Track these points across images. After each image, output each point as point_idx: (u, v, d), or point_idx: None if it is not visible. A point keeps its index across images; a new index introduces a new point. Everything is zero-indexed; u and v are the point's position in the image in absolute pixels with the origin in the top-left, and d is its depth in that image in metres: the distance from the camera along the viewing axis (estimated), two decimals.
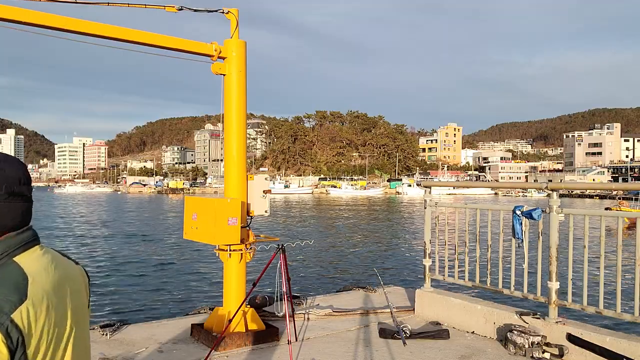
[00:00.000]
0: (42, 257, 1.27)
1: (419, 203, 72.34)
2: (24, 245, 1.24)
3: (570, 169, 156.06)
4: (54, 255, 1.33)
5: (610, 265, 5.33)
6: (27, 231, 1.27)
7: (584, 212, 5.19)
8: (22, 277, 1.17)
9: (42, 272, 1.23)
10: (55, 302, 1.23)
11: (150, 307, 12.41)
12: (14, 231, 1.24)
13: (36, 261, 1.24)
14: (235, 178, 5.41)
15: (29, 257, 1.24)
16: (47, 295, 1.21)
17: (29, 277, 1.18)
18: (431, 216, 6.33)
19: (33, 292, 1.17)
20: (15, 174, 1.24)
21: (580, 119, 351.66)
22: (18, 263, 1.20)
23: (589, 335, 4.59)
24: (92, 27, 4.63)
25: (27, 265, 1.21)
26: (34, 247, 1.27)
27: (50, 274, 1.26)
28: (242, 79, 5.41)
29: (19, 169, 1.26)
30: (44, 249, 1.30)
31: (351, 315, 6.36)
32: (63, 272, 1.32)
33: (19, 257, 1.22)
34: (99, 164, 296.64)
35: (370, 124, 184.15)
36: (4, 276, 1.16)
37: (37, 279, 1.20)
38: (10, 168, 1.24)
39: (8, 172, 1.23)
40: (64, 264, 1.35)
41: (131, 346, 5.15)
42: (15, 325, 1.10)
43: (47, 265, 1.26)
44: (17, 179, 1.24)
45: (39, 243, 1.30)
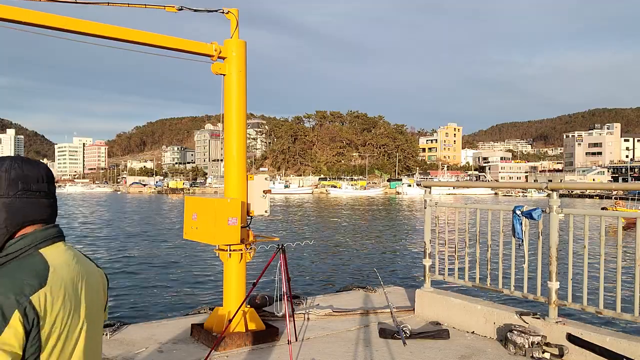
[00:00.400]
0: (65, 252, 1.41)
1: (419, 203, 72.34)
2: (49, 240, 1.38)
3: (570, 169, 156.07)
4: (76, 253, 1.46)
5: (610, 265, 5.33)
6: (53, 228, 1.41)
7: (583, 212, 5.20)
8: (45, 266, 1.31)
9: (63, 265, 1.36)
10: (72, 294, 1.35)
11: (150, 307, 12.41)
12: (41, 226, 1.39)
13: (59, 255, 1.38)
14: (235, 178, 5.41)
15: (53, 251, 1.37)
16: (65, 287, 1.33)
17: (51, 267, 1.32)
18: (431, 216, 6.33)
19: (52, 281, 1.30)
20: (33, 173, 1.39)
21: (580, 119, 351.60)
22: (43, 254, 1.34)
23: (589, 335, 4.59)
24: (92, 27, 4.63)
25: (51, 257, 1.35)
26: (59, 242, 1.41)
27: (71, 268, 1.39)
28: (242, 79, 5.41)
29: (39, 169, 1.41)
30: (68, 246, 1.45)
31: (351, 315, 6.36)
32: (83, 269, 1.44)
33: (44, 250, 1.36)
34: (99, 164, 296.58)
35: (370, 124, 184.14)
36: (28, 264, 1.30)
37: (58, 270, 1.33)
38: (29, 167, 1.39)
39: (26, 171, 1.38)
40: (85, 263, 1.48)
41: (131, 346, 5.15)
42: (32, 307, 1.22)
43: (69, 260, 1.40)
44: (35, 177, 1.39)
45: (63, 240, 1.45)
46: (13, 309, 1.19)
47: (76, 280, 1.39)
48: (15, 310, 1.20)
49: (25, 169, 1.38)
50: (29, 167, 1.39)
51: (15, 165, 1.37)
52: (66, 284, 1.34)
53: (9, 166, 1.36)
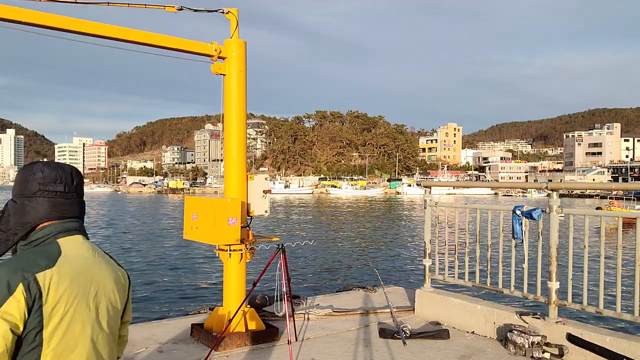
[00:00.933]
0: (82, 245, 1.54)
1: (419, 203, 72.32)
2: (67, 232, 1.52)
3: (570, 169, 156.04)
4: (96, 249, 1.59)
5: (610, 265, 5.33)
6: (73, 222, 1.55)
7: (583, 212, 5.19)
8: (57, 252, 1.45)
9: (76, 255, 1.49)
10: (80, 282, 1.45)
11: (150, 307, 12.41)
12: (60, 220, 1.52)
13: (75, 246, 1.51)
14: (235, 178, 5.41)
15: (70, 241, 1.51)
16: (75, 273, 1.44)
17: (63, 253, 1.45)
18: (431, 216, 6.32)
19: (61, 264, 1.42)
20: (52, 175, 1.53)
21: (580, 119, 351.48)
22: (59, 243, 1.49)
23: (589, 335, 4.59)
24: (92, 27, 4.63)
25: (66, 246, 1.49)
26: (77, 235, 1.55)
27: (84, 258, 1.50)
28: (242, 79, 5.41)
29: (59, 172, 1.55)
30: (87, 241, 1.58)
31: (351, 315, 6.36)
32: (98, 263, 1.55)
33: (62, 239, 1.50)
34: (99, 164, 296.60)
35: (370, 124, 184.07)
36: (44, 249, 1.45)
37: (70, 258, 1.46)
38: (49, 170, 1.54)
39: (47, 174, 1.53)
40: (104, 260, 1.59)
41: (131, 346, 5.14)
42: (36, 283, 1.34)
43: (84, 252, 1.52)
44: (55, 178, 1.53)
45: (82, 234, 1.57)
46: (18, 283, 1.32)
47: (88, 271, 1.49)
48: (19, 284, 1.32)
49: (47, 172, 1.53)
50: (51, 170, 1.54)
51: (40, 168, 1.54)
52: (76, 271, 1.45)
53: (37, 169, 1.54)
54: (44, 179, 1.53)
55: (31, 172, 1.54)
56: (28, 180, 1.52)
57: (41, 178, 1.52)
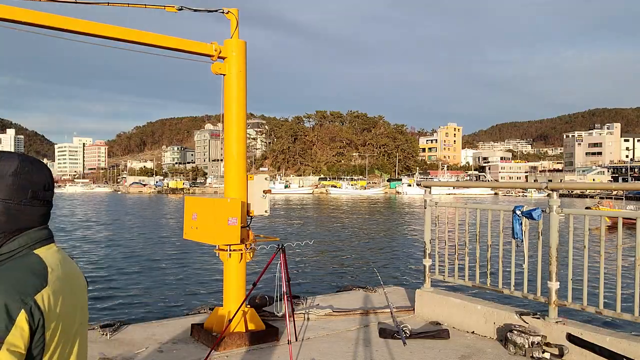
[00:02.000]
0: (57, 253, 1.41)
1: (419, 203, 72.33)
2: (43, 241, 1.38)
3: (570, 169, 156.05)
4: (65, 255, 1.46)
5: (610, 265, 5.33)
6: (44, 230, 1.40)
7: (584, 212, 5.20)
8: (43, 266, 1.31)
9: (58, 266, 1.37)
10: (68, 295, 1.35)
11: (150, 307, 12.41)
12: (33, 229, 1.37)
13: (52, 256, 1.37)
14: (235, 178, 5.41)
15: (47, 252, 1.37)
16: (62, 287, 1.34)
17: (49, 267, 1.32)
18: (431, 216, 6.33)
19: (52, 281, 1.30)
20: (42, 180, 1.39)
21: (580, 119, 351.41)
22: (38, 254, 1.34)
23: (589, 335, 4.59)
24: (92, 27, 4.63)
25: (46, 257, 1.35)
26: (50, 244, 1.41)
27: (64, 269, 1.39)
28: (242, 79, 5.41)
29: (46, 176, 1.41)
30: (58, 248, 1.44)
31: (351, 315, 6.36)
32: (71, 270, 1.44)
33: (39, 250, 1.36)
34: (99, 164, 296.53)
35: (370, 124, 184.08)
36: (26, 264, 1.30)
37: (55, 271, 1.34)
38: (37, 174, 1.38)
39: (35, 178, 1.37)
40: (73, 266, 1.48)
41: (131, 346, 5.15)
42: (37, 306, 1.22)
43: (61, 261, 1.40)
44: (43, 185, 1.39)
45: (54, 242, 1.44)
46: (19, 309, 1.18)
47: (70, 281, 1.39)
48: (21, 310, 1.18)
49: (35, 176, 1.37)
50: (38, 173, 1.38)
51: (26, 169, 1.35)
52: (63, 285, 1.34)
53: (20, 169, 1.34)
54: (35, 184, 1.36)
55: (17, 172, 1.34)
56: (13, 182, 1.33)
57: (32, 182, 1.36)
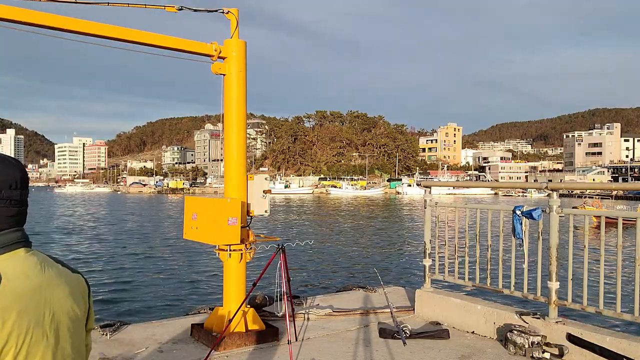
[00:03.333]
0: (26, 260, 1.22)
1: (419, 203, 72.32)
2: (6, 247, 1.20)
3: (570, 169, 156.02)
4: (42, 259, 1.27)
5: (610, 265, 5.33)
6: (12, 233, 1.22)
7: (584, 212, 5.19)
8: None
9: (20, 275, 1.18)
10: (30, 307, 1.17)
11: (150, 307, 12.41)
12: None
13: (16, 264, 1.19)
14: (235, 178, 5.41)
15: (10, 259, 1.19)
16: (20, 300, 1.15)
17: (3, 279, 1.14)
18: (431, 216, 6.33)
19: (3, 295, 1.12)
20: (7, 177, 1.22)
21: (580, 119, 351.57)
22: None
23: (589, 335, 4.59)
24: (92, 27, 4.63)
25: (4, 266, 1.17)
26: (18, 249, 1.22)
27: (30, 279, 1.20)
28: (242, 79, 5.41)
29: (14, 173, 1.24)
30: (31, 252, 1.25)
31: (351, 315, 6.36)
32: (48, 277, 1.25)
33: None
34: (99, 164, 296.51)
35: (370, 124, 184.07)
36: None
37: (12, 282, 1.15)
38: (3, 170, 1.22)
39: (2, 176, 1.21)
40: (55, 273, 1.28)
41: (131, 346, 5.15)
42: None
43: (30, 269, 1.21)
44: (8, 182, 1.22)
45: (26, 246, 1.25)
46: None
47: (38, 292, 1.20)
48: None
49: (2, 173, 1.21)
50: (4, 170, 1.22)
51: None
52: (22, 297, 1.16)
53: None
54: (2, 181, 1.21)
55: None
56: None
57: None
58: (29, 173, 1.32)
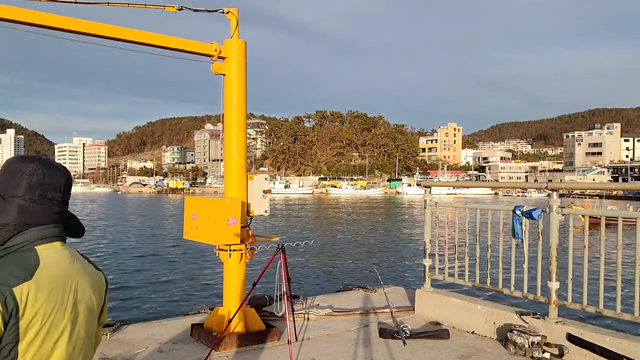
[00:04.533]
0: (60, 251, 1.47)
1: (419, 203, 72.32)
2: (46, 238, 1.44)
3: (570, 169, 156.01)
4: (74, 254, 1.52)
5: (610, 265, 5.33)
6: (53, 228, 1.47)
7: (583, 212, 5.19)
8: (35, 262, 1.38)
9: (55, 263, 1.42)
10: (59, 291, 1.40)
11: (150, 307, 12.41)
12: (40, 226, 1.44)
13: (53, 253, 1.44)
14: (235, 178, 5.41)
15: (48, 249, 1.44)
16: (53, 282, 1.39)
17: (41, 263, 1.38)
18: (431, 216, 6.32)
19: (40, 276, 1.36)
20: (53, 181, 1.47)
21: (580, 119, 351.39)
22: (36, 250, 1.41)
23: (589, 335, 4.59)
24: (92, 27, 4.63)
25: (44, 254, 1.41)
26: (56, 242, 1.47)
27: (63, 267, 1.44)
28: (242, 79, 5.41)
29: (59, 178, 1.49)
30: (65, 247, 1.50)
31: (351, 315, 6.36)
32: (76, 270, 1.49)
33: (39, 247, 1.42)
34: (98, 164, 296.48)
35: (370, 124, 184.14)
36: (21, 258, 1.38)
37: (48, 267, 1.39)
38: (50, 174, 1.47)
39: (47, 178, 1.46)
40: (82, 265, 1.53)
41: (131, 346, 5.15)
42: (13, 297, 1.28)
43: (63, 259, 1.45)
44: (53, 186, 1.47)
45: (61, 240, 1.50)
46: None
47: (67, 279, 1.43)
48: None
49: (47, 177, 1.45)
50: (51, 175, 1.47)
51: (39, 171, 1.45)
52: (54, 281, 1.39)
53: (34, 170, 1.44)
54: (45, 184, 1.44)
55: (31, 173, 1.43)
56: (26, 181, 1.42)
57: (42, 183, 1.44)
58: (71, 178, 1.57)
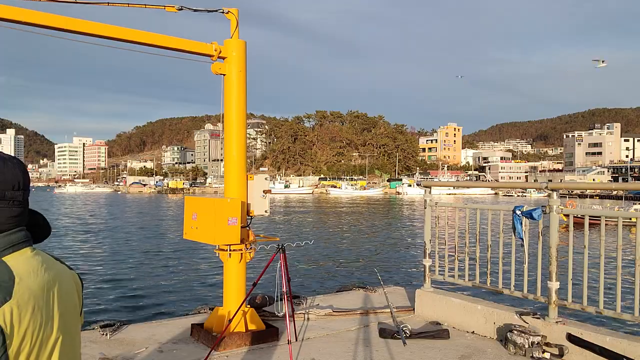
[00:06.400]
0: (32, 258, 1.25)
1: (419, 203, 72.32)
2: (13, 246, 1.22)
3: (570, 169, 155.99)
4: (45, 258, 1.31)
5: (610, 265, 5.34)
6: (18, 233, 1.25)
7: (583, 212, 5.19)
8: (9, 277, 1.16)
9: (31, 274, 1.21)
10: (42, 304, 1.21)
11: (150, 307, 12.41)
12: (2, 233, 1.22)
13: (25, 262, 1.22)
14: (235, 178, 5.41)
15: (19, 258, 1.22)
16: (34, 297, 1.19)
17: (16, 277, 1.17)
18: (431, 216, 6.32)
19: (19, 293, 1.15)
20: (10, 178, 1.24)
21: (580, 119, 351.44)
22: (6, 263, 1.18)
23: (589, 335, 4.59)
24: (92, 27, 4.63)
25: (16, 265, 1.19)
26: (25, 248, 1.26)
27: (39, 276, 1.24)
28: (242, 79, 5.41)
29: (17, 174, 1.26)
30: (35, 251, 1.29)
31: (351, 315, 6.36)
32: (53, 275, 1.29)
33: (8, 258, 1.20)
34: (99, 164, 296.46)
35: (370, 124, 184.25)
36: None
37: (25, 280, 1.18)
38: (6, 171, 1.24)
39: (6, 177, 1.23)
40: (56, 268, 1.33)
41: (131, 346, 5.15)
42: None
43: (37, 267, 1.25)
44: (11, 183, 1.24)
45: (30, 245, 1.29)
46: None
47: (46, 288, 1.25)
48: None
49: (3, 174, 1.22)
50: (6, 171, 1.23)
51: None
52: (35, 294, 1.20)
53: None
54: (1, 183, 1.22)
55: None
56: None
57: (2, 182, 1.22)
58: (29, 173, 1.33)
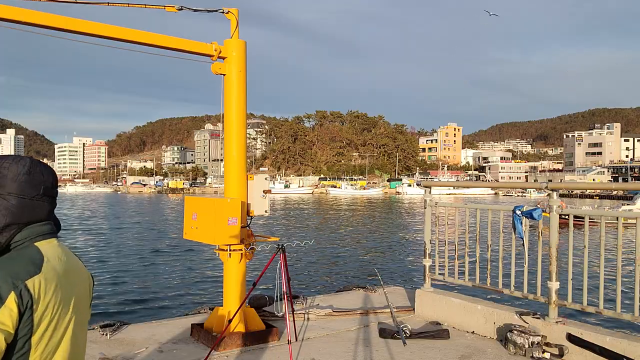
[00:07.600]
0: (57, 247, 1.53)
1: (419, 203, 72.32)
2: (44, 235, 1.51)
3: (570, 169, 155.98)
4: (66, 250, 1.58)
5: (610, 265, 5.34)
6: (48, 225, 1.54)
7: (583, 212, 5.20)
8: (40, 256, 1.43)
9: (56, 258, 1.48)
10: (63, 285, 1.46)
11: (150, 307, 12.41)
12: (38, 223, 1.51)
13: (52, 249, 1.50)
14: (235, 178, 5.41)
15: (47, 245, 1.50)
16: (57, 277, 1.44)
17: (45, 258, 1.44)
18: (431, 216, 6.32)
19: (46, 270, 1.41)
20: (50, 179, 1.55)
21: (580, 119, 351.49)
22: (38, 247, 1.47)
23: (589, 335, 4.59)
24: (92, 27, 4.63)
25: (45, 250, 1.47)
26: (52, 238, 1.53)
27: (62, 261, 1.50)
28: (242, 79, 5.41)
29: (53, 175, 1.58)
30: (59, 243, 1.56)
31: (351, 315, 6.36)
32: (72, 265, 1.56)
33: (39, 243, 1.48)
34: (99, 164, 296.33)
35: (370, 124, 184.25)
36: (26, 253, 1.43)
37: (51, 262, 1.45)
38: (47, 174, 1.55)
39: (46, 177, 1.54)
40: (74, 260, 1.60)
41: (131, 346, 5.15)
42: (27, 290, 1.33)
43: (61, 254, 1.52)
44: (51, 183, 1.56)
45: (56, 236, 1.57)
46: (9, 291, 1.30)
47: (66, 273, 1.50)
48: (11, 292, 1.30)
49: (45, 175, 1.54)
50: (47, 173, 1.55)
51: (37, 170, 1.53)
52: (58, 275, 1.45)
53: (31, 169, 1.51)
54: (44, 182, 1.52)
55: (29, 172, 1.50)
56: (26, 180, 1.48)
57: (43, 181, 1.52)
58: None
